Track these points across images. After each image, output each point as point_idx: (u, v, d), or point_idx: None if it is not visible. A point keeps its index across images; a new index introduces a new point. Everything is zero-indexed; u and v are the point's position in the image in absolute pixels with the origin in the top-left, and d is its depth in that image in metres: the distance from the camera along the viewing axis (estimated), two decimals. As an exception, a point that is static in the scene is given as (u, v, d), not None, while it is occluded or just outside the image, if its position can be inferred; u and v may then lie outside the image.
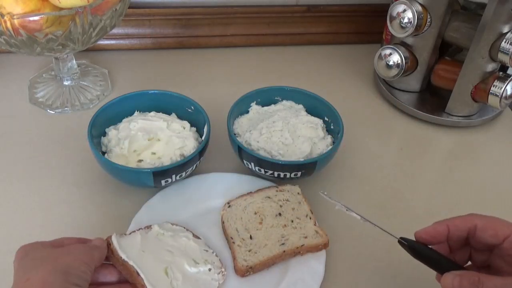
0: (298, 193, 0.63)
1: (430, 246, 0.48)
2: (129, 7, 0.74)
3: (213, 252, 0.56)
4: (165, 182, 0.60)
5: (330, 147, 0.65)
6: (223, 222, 0.59)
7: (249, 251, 0.56)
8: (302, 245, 0.56)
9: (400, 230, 0.64)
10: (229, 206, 0.61)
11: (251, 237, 0.57)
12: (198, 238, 0.57)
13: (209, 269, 0.53)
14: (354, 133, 0.75)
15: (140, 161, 0.62)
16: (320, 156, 0.62)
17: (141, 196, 0.64)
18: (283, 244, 0.57)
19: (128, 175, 0.60)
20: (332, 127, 0.68)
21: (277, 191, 0.63)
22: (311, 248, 0.57)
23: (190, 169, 0.62)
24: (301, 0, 0.92)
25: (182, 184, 0.63)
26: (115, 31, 0.79)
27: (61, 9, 0.63)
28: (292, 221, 0.59)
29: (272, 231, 0.58)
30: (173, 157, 0.62)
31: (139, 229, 0.56)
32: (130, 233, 0.55)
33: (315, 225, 0.59)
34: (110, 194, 0.65)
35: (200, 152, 0.61)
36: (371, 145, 0.75)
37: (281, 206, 0.61)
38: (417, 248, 0.47)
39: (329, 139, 0.67)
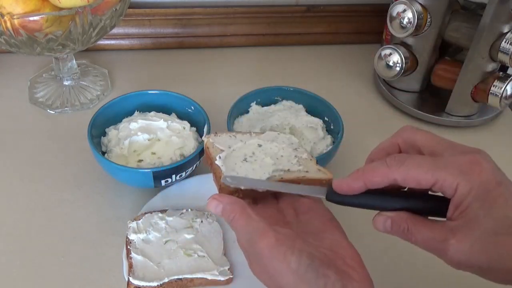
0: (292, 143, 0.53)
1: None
2: (129, 7, 0.74)
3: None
4: (165, 182, 0.60)
5: (330, 147, 0.65)
6: (207, 148, 0.50)
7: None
8: (303, 177, 0.47)
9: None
10: (215, 135, 0.52)
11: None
12: None
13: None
14: (354, 133, 0.75)
15: (140, 161, 0.62)
16: (320, 156, 0.62)
17: (141, 196, 0.64)
18: (280, 174, 0.47)
19: (128, 175, 0.60)
20: (332, 127, 0.68)
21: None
22: (313, 181, 0.47)
23: (190, 169, 0.62)
24: (301, 0, 0.92)
25: (182, 184, 0.63)
26: (115, 31, 0.79)
27: (61, 9, 0.63)
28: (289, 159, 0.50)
29: (265, 162, 0.48)
30: (173, 157, 0.62)
31: None
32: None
33: (316, 164, 0.50)
34: (110, 194, 0.65)
35: (200, 152, 0.61)
36: (371, 145, 0.75)
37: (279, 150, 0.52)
38: (345, 202, 0.42)
39: (329, 139, 0.67)
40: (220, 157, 0.47)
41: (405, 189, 0.42)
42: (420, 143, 0.40)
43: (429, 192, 0.40)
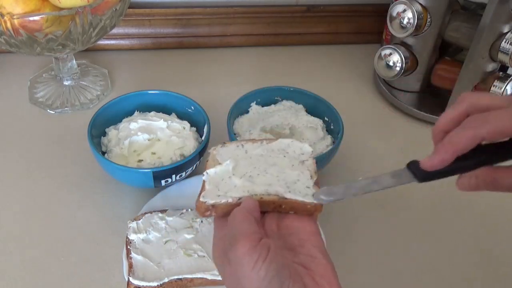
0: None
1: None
2: (129, 7, 0.74)
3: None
4: (165, 182, 0.60)
5: (330, 147, 0.65)
6: (207, 160, 0.49)
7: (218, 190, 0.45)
8: (284, 199, 0.44)
9: (400, 229, 0.64)
10: (222, 146, 0.50)
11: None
12: None
13: None
14: (354, 133, 0.75)
15: (140, 161, 0.62)
16: (320, 156, 0.62)
17: (141, 196, 0.64)
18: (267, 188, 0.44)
19: (128, 175, 0.60)
20: (332, 127, 0.68)
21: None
22: (295, 204, 0.44)
23: (190, 169, 0.62)
24: (301, 0, 0.92)
25: (182, 184, 0.63)
26: (115, 31, 0.79)
27: (61, 9, 0.63)
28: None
29: (255, 181, 0.45)
30: (173, 157, 0.62)
31: None
32: None
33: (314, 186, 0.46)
34: (110, 194, 0.65)
35: (200, 152, 0.61)
36: (371, 145, 0.75)
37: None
38: (436, 176, 0.42)
39: (329, 139, 0.67)
40: (207, 173, 0.46)
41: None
42: (487, 103, 0.41)
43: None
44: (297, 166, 0.47)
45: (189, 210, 0.59)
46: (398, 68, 0.75)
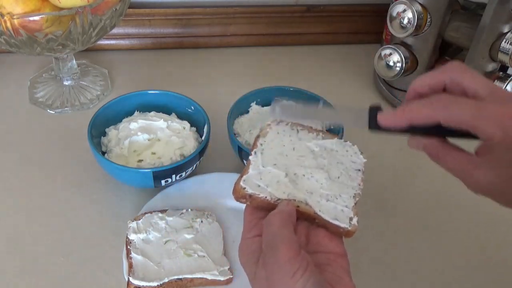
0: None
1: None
2: (129, 7, 0.74)
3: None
4: (165, 182, 0.60)
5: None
6: (257, 137, 0.48)
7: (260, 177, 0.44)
8: (319, 216, 0.43)
9: (401, 229, 0.64)
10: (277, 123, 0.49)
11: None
12: None
13: None
14: (354, 133, 0.75)
15: (140, 161, 0.62)
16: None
17: (141, 196, 0.64)
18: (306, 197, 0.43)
19: (128, 175, 0.60)
20: (332, 127, 0.68)
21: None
22: (327, 224, 0.44)
23: (190, 169, 0.62)
24: (301, 0, 0.92)
25: (182, 184, 0.63)
26: (115, 31, 0.79)
27: (61, 9, 0.63)
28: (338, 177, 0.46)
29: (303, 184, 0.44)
30: (173, 157, 0.62)
31: None
32: None
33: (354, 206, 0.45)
34: (110, 194, 0.65)
35: (200, 152, 0.61)
36: (371, 145, 0.75)
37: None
38: (386, 131, 0.43)
39: (329, 139, 0.67)
40: (255, 153, 0.45)
41: None
42: (466, 84, 0.42)
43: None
44: (345, 177, 0.46)
45: (189, 210, 0.59)
46: (398, 68, 0.75)
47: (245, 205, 0.45)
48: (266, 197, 0.43)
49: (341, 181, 0.46)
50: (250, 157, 0.46)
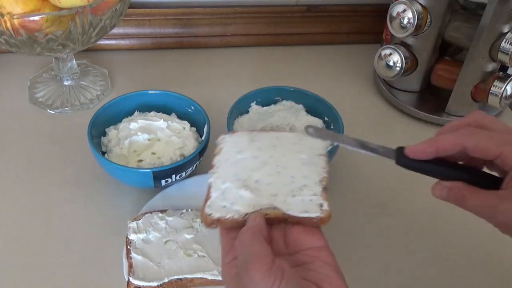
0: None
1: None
2: (129, 7, 0.74)
3: None
4: (165, 182, 0.60)
5: (330, 147, 0.65)
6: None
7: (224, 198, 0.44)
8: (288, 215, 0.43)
9: (401, 229, 0.64)
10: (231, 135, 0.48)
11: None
12: None
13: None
14: (354, 133, 0.74)
15: (140, 161, 0.62)
16: (320, 156, 0.62)
17: (141, 196, 0.64)
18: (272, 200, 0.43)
19: (128, 175, 0.60)
20: (332, 127, 0.68)
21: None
22: (301, 220, 0.43)
23: (190, 169, 0.62)
24: (301, 0, 0.92)
25: (182, 184, 0.63)
26: (115, 31, 0.79)
27: (61, 9, 0.63)
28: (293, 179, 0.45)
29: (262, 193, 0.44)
30: (173, 157, 0.62)
31: None
32: None
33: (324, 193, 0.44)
34: (110, 194, 0.65)
35: (200, 152, 0.61)
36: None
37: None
38: (413, 166, 0.45)
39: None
40: (213, 174, 0.45)
41: (462, 163, 0.45)
42: (485, 122, 0.44)
43: (485, 168, 0.45)
44: (307, 166, 0.46)
45: (189, 210, 0.59)
46: (398, 68, 0.75)
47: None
48: (233, 216, 0.42)
49: (304, 171, 0.45)
50: (209, 181, 0.45)
